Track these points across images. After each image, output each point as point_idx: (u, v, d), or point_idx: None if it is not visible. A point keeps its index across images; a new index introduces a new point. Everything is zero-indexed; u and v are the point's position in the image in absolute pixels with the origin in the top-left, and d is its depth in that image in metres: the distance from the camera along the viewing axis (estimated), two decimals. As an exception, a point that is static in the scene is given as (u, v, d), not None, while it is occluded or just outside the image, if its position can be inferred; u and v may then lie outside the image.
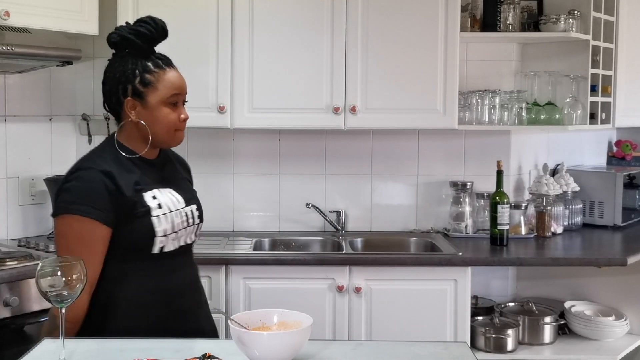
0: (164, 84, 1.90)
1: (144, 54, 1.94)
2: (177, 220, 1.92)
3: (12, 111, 3.18)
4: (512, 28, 3.32)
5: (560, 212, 3.50)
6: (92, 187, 1.81)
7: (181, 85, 1.94)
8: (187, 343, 1.76)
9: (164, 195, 1.92)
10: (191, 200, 2.02)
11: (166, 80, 1.90)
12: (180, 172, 2.10)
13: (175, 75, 1.93)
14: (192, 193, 2.08)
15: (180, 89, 1.93)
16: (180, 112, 1.93)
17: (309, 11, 3.11)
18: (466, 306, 2.97)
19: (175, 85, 1.92)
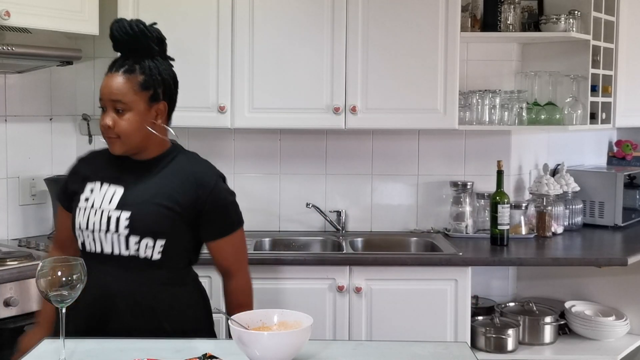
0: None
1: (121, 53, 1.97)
2: (93, 219, 1.89)
3: (13, 111, 3.18)
4: (513, 28, 3.32)
5: (561, 212, 3.50)
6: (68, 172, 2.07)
7: (103, 92, 1.90)
8: (188, 343, 1.76)
9: (102, 191, 1.93)
10: (128, 207, 1.88)
11: (102, 84, 1.93)
12: (168, 184, 1.92)
13: (107, 81, 1.91)
14: (144, 204, 1.88)
15: (102, 94, 1.91)
16: (103, 117, 1.91)
17: (309, 11, 3.11)
18: (466, 306, 2.97)
19: (100, 90, 1.92)
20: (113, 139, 1.90)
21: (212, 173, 2.00)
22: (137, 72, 1.90)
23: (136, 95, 1.89)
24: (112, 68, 1.92)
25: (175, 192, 1.91)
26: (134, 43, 1.92)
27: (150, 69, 1.92)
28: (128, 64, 1.90)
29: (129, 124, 1.88)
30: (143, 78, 1.90)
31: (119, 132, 1.88)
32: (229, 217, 2.00)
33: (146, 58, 1.93)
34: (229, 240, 2.00)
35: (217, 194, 1.95)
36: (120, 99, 1.87)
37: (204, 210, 1.93)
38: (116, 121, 1.88)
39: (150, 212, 1.88)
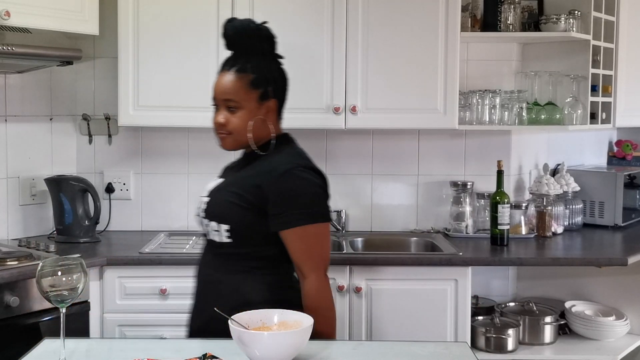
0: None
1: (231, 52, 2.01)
2: (197, 205, 2.06)
3: (13, 111, 3.18)
4: (513, 28, 3.32)
5: (561, 212, 3.50)
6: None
7: (216, 90, 1.98)
8: (188, 343, 1.76)
9: (211, 182, 2.07)
10: (210, 194, 2.02)
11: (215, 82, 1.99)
12: (247, 174, 1.98)
13: (219, 80, 1.97)
14: (219, 191, 2.00)
15: (215, 93, 1.98)
16: (215, 115, 2.00)
17: (309, 11, 3.11)
18: (466, 306, 2.97)
19: (214, 88, 1.99)
20: (224, 136, 1.98)
21: (289, 161, 1.93)
22: (248, 70, 1.94)
23: (247, 94, 1.94)
24: (225, 67, 1.97)
25: (248, 180, 1.95)
26: (246, 42, 1.96)
27: (261, 68, 1.96)
28: (239, 62, 1.95)
29: (240, 121, 1.95)
30: (254, 77, 1.94)
31: (231, 129, 1.96)
32: (298, 208, 1.88)
33: (257, 56, 1.97)
34: (298, 234, 1.89)
35: (285, 182, 1.89)
36: (232, 97, 1.94)
37: (269, 198, 1.89)
38: (228, 119, 1.95)
39: (220, 197, 1.98)
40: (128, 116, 3.11)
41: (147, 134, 3.46)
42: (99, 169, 3.45)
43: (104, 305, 2.87)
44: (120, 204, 3.46)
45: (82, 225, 3.17)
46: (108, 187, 3.44)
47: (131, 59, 3.09)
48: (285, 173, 1.89)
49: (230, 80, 1.94)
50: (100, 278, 2.87)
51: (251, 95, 1.95)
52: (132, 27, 3.08)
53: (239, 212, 1.91)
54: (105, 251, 3.01)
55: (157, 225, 3.46)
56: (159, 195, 3.48)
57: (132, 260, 2.89)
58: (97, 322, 2.85)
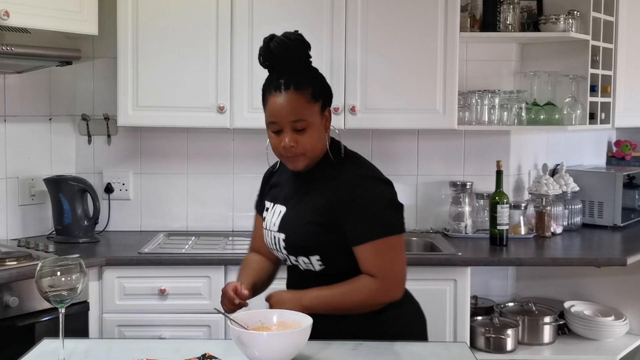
0: (267, 107, 1.87)
1: (271, 72, 1.90)
2: (268, 239, 2.00)
3: (12, 111, 3.18)
4: (512, 28, 3.32)
5: (560, 212, 3.49)
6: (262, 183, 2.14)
7: (279, 114, 1.83)
8: (187, 343, 1.76)
9: (270, 212, 1.99)
10: (284, 230, 1.91)
11: (269, 105, 1.85)
12: (319, 197, 1.89)
13: (278, 102, 1.82)
14: (296, 225, 1.90)
15: (277, 117, 1.83)
16: (281, 139, 1.84)
17: (308, 11, 3.11)
18: (466, 306, 2.97)
19: (271, 112, 1.85)
20: (297, 157, 1.86)
21: (357, 174, 1.90)
22: (305, 85, 1.84)
23: (311, 109, 1.84)
24: (278, 87, 1.83)
25: (320, 204, 1.87)
26: (294, 56, 1.86)
27: (312, 79, 1.88)
28: (294, 79, 1.83)
29: (312, 139, 1.85)
30: (312, 89, 1.85)
31: (304, 150, 1.84)
32: (371, 221, 1.83)
33: (305, 68, 1.88)
34: (372, 248, 1.83)
35: (357, 196, 1.84)
36: (300, 117, 1.82)
37: (343, 214, 1.84)
38: (298, 140, 1.83)
39: (298, 231, 1.89)
40: (127, 116, 3.11)
41: (146, 134, 3.46)
42: (98, 169, 3.45)
43: (103, 306, 2.87)
44: (120, 204, 3.46)
45: (81, 226, 3.16)
46: (107, 187, 3.43)
47: (130, 59, 3.09)
48: (356, 187, 1.85)
49: (293, 101, 1.82)
50: (99, 278, 2.87)
51: (314, 109, 1.85)
52: (132, 27, 3.08)
53: (324, 239, 1.86)
54: (105, 251, 3.01)
55: (156, 225, 3.46)
56: (158, 195, 3.48)
57: (131, 260, 2.89)
58: (96, 322, 2.85)
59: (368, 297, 1.83)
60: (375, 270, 1.83)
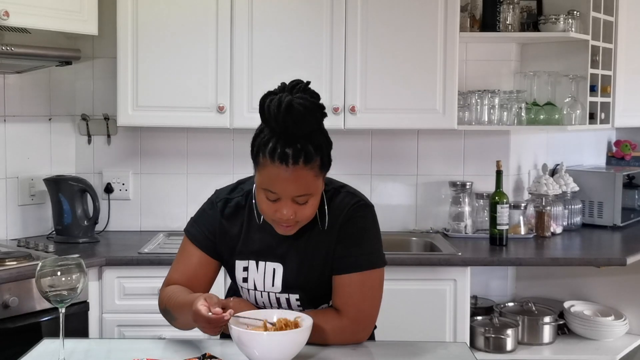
0: (263, 172, 1.65)
1: (274, 132, 1.64)
2: (261, 299, 1.81)
3: (12, 111, 3.18)
4: (512, 28, 3.32)
5: (560, 212, 3.50)
6: (209, 223, 1.87)
7: (281, 188, 1.63)
8: (187, 343, 1.76)
9: (260, 271, 1.79)
10: (294, 290, 1.78)
11: (267, 172, 1.64)
12: (321, 244, 1.78)
13: (282, 175, 1.61)
14: (309, 282, 1.78)
15: (278, 190, 1.64)
16: (277, 208, 1.67)
17: (308, 11, 3.11)
18: (465, 306, 2.97)
19: (271, 183, 1.64)
20: (291, 226, 1.70)
21: (351, 203, 1.81)
22: (314, 156, 1.64)
23: (317, 180, 1.68)
24: (284, 160, 1.60)
25: (327, 246, 1.76)
26: (312, 125, 1.64)
27: (321, 145, 1.67)
28: (302, 150, 1.61)
29: (312, 209, 1.70)
30: (319, 159, 1.66)
31: (301, 219, 1.69)
32: (362, 251, 1.76)
33: (314, 132, 1.66)
34: (356, 279, 1.75)
35: (352, 226, 1.77)
36: (306, 192, 1.66)
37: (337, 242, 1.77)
38: (297, 211, 1.67)
39: (318, 287, 1.79)
40: (127, 116, 3.11)
41: (146, 134, 3.46)
42: (98, 169, 3.45)
43: (103, 306, 2.87)
44: (119, 204, 3.46)
45: (81, 226, 3.16)
46: (107, 187, 3.43)
47: (130, 59, 3.09)
48: (351, 216, 1.77)
49: (300, 177, 1.62)
50: (99, 278, 2.87)
51: (320, 178, 1.69)
52: (131, 27, 3.08)
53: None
54: (104, 251, 3.01)
55: (156, 225, 3.46)
56: (158, 195, 3.48)
57: (131, 260, 2.89)
58: (96, 322, 2.85)
59: (332, 337, 1.74)
60: (349, 305, 1.74)
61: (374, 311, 1.79)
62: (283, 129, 1.60)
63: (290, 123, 1.59)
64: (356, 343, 1.76)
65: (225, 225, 1.83)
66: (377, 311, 1.80)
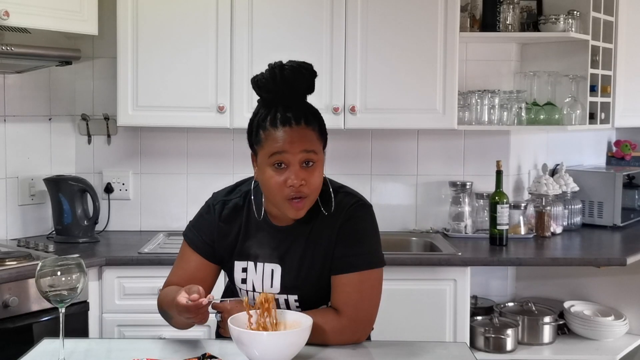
0: (269, 143, 1.65)
1: (270, 105, 1.67)
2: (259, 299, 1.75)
3: (12, 111, 3.18)
4: (512, 28, 3.32)
5: (560, 212, 3.50)
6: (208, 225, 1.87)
7: (289, 144, 1.63)
8: (187, 343, 1.76)
9: (258, 273, 1.79)
10: (293, 291, 1.78)
11: (272, 138, 1.64)
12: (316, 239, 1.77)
13: (288, 134, 1.63)
14: (308, 283, 1.77)
15: (288, 146, 1.63)
16: (287, 177, 1.64)
17: (308, 11, 3.11)
18: (465, 306, 2.97)
19: (277, 143, 1.63)
20: (303, 200, 1.67)
21: (351, 203, 1.79)
22: (313, 120, 1.69)
23: (320, 145, 1.70)
24: (286, 122, 1.64)
25: (326, 247, 1.76)
26: (308, 88, 1.70)
27: (317, 114, 1.72)
28: (301, 113, 1.66)
29: (319, 178, 1.68)
30: (318, 125, 1.70)
31: (311, 190, 1.66)
32: (362, 251, 1.76)
33: (307, 102, 1.72)
34: (355, 279, 1.74)
35: (351, 226, 1.76)
36: (312, 148, 1.65)
37: (337, 242, 1.77)
38: (306, 178, 1.64)
39: (317, 289, 1.78)
40: (127, 116, 3.11)
41: (146, 134, 3.46)
42: (98, 169, 3.45)
43: (103, 305, 2.87)
44: (119, 204, 3.46)
45: (81, 226, 3.16)
46: (107, 187, 3.43)
47: (130, 59, 3.09)
48: (351, 216, 1.76)
49: (305, 133, 1.64)
50: (99, 278, 2.87)
51: (321, 144, 1.70)
52: (131, 27, 3.08)
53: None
54: (104, 251, 3.01)
55: (156, 225, 3.46)
56: (158, 195, 3.48)
57: (131, 260, 2.89)
58: (96, 322, 2.85)
59: (331, 337, 1.73)
60: (347, 306, 1.73)
61: (372, 311, 1.79)
62: (279, 91, 1.65)
63: (283, 83, 1.64)
64: (355, 343, 1.76)
65: (224, 228, 1.83)
66: (376, 311, 1.80)
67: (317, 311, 1.77)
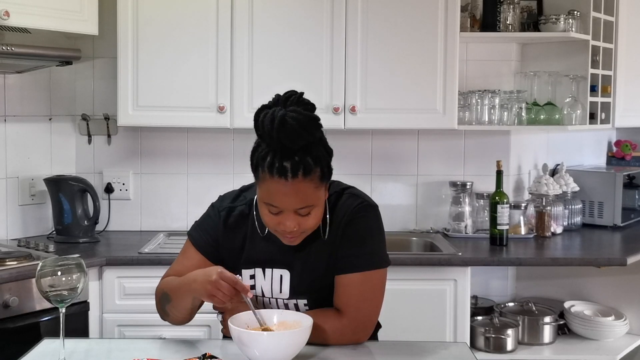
0: (265, 187, 1.65)
1: (270, 147, 1.63)
2: (268, 305, 1.82)
3: (12, 111, 3.18)
4: (512, 28, 3.32)
5: (560, 212, 3.50)
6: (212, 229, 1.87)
7: (281, 202, 1.63)
8: (187, 343, 1.76)
9: (267, 278, 1.80)
10: (302, 296, 1.79)
11: (266, 187, 1.64)
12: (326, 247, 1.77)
13: (281, 190, 1.62)
14: (316, 287, 1.78)
15: (279, 204, 1.64)
16: (280, 221, 1.67)
17: (308, 11, 3.11)
18: (466, 306, 2.97)
19: (271, 197, 1.64)
20: (295, 238, 1.71)
21: (355, 204, 1.79)
22: (313, 167, 1.63)
23: (318, 191, 1.67)
24: (282, 174, 1.60)
25: (332, 250, 1.77)
26: (309, 135, 1.62)
27: (319, 157, 1.66)
28: (301, 163, 1.61)
29: (315, 219, 1.69)
30: (320, 170, 1.66)
31: (305, 230, 1.70)
32: (365, 251, 1.76)
33: (312, 144, 1.65)
34: (358, 279, 1.74)
35: (355, 226, 1.77)
36: (307, 204, 1.65)
37: (340, 241, 1.77)
38: (300, 222, 1.66)
39: (325, 291, 1.78)
40: (127, 116, 3.11)
41: (146, 134, 3.46)
42: (98, 169, 3.45)
43: (103, 305, 2.87)
44: (120, 204, 3.46)
45: (81, 226, 3.16)
46: (107, 187, 3.43)
47: (130, 59, 3.09)
48: (354, 217, 1.77)
49: (300, 190, 1.62)
50: (99, 278, 2.87)
51: (321, 189, 1.68)
52: (132, 27, 3.08)
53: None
54: (105, 251, 3.01)
55: (156, 225, 3.46)
56: (158, 195, 3.48)
57: (132, 260, 2.89)
58: (96, 322, 2.85)
59: (332, 337, 1.74)
60: (349, 306, 1.74)
61: (374, 312, 1.79)
62: (278, 145, 1.59)
63: (284, 138, 1.58)
64: (356, 343, 1.76)
65: (228, 236, 1.83)
66: (378, 312, 1.80)
67: (317, 311, 1.77)
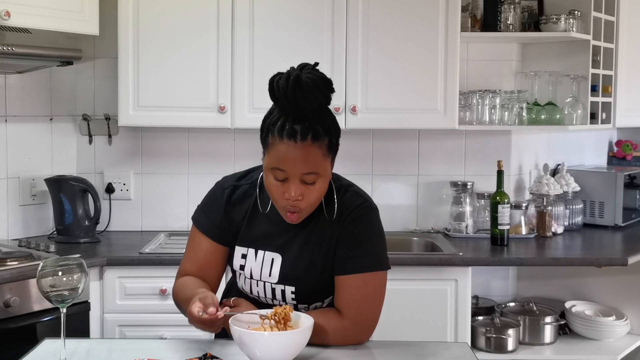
0: (271, 150, 1.65)
1: (283, 111, 1.65)
2: (256, 288, 1.81)
3: (13, 111, 3.18)
4: (513, 28, 3.32)
5: (561, 212, 3.50)
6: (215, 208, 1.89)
7: (290, 164, 1.63)
8: (188, 343, 1.76)
9: (258, 260, 1.79)
10: (290, 282, 1.77)
11: (275, 150, 1.64)
12: (319, 234, 1.77)
13: (291, 152, 1.61)
14: (306, 276, 1.77)
15: (288, 166, 1.63)
16: (285, 189, 1.66)
17: (309, 11, 3.11)
18: (467, 306, 2.97)
19: (280, 160, 1.63)
20: (297, 214, 1.69)
21: (357, 204, 1.79)
22: (323, 135, 1.64)
23: (325, 161, 1.67)
24: (292, 136, 1.61)
25: (328, 244, 1.76)
26: (323, 99, 1.64)
27: (329, 126, 1.67)
28: (311, 127, 1.62)
29: (319, 193, 1.69)
30: (328, 140, 1.66)
31: (308, 204, 1.68)
32: (366, 252, 1.75)
33: (323, 113, 1.67)
34: (359, 280, 1.74)
35: (356, 227, 1.76)
36: (314, 170, 1.65)
37: (340, 241, 1.77)
38: (304, 192, 1.66)
39: (314, 282, 1.78)
40: (128, 116, 3.11)
41: (147, 134, 3.46)
42: (99, 169, 3.45)
43: (104, 306, 2.87)
44: (120, 204, 3.46)
45: (82, 226, 3.17)
46: (108, 187, 3.44)
47: (131, 59, 3.09)
48: (356, 217, 1.76)
49: (308, 153, 1.62)
50: (100, 278, 2.87)
51: (327, 160, 1.69)
52: (132, 27, 3.08)
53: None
54: (106, 251, 3.01)
55: (157, 225, 3.46)
56: (159, 195, 3.48)
57: (132, 260, 2.89)
58: (97, 322, 2.85)
59: (333, 338, 1.74)
60: (350, 307, 1.74)
61: (375, 313, 1.79)
62: (292, 103, 1.61)
63: (299, 96, 1.60)
64: (357, 344, 1.76)
65: (230, 213, 1.83)
66: (379, 313, 1.80)
67: (319, 311, 1.77)
